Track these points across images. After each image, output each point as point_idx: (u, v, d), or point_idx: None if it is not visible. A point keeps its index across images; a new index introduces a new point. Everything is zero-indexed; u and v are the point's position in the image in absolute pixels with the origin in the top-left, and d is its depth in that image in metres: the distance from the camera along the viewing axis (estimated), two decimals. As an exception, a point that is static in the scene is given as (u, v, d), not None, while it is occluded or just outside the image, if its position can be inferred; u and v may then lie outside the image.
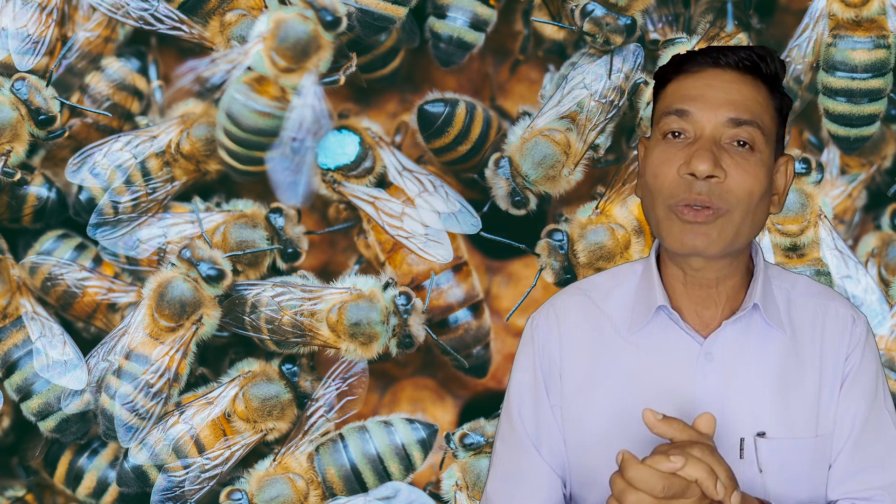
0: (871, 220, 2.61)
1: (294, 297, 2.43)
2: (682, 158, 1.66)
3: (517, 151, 2.46)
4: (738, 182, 1.65)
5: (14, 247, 2.55)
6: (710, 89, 1.69)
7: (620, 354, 1.75)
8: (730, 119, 1.67)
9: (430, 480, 2.50)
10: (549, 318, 1.81)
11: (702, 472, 1.54)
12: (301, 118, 2.33)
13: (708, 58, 1.71)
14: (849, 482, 1.72)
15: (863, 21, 2.42)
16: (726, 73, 1.69)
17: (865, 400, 1.73)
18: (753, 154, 1.67)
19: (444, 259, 2.47)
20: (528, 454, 1.77)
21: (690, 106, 1.68)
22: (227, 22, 2.43)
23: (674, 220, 1.67)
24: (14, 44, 2.45)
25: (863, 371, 1.74)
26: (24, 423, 2.49)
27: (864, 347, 1.75)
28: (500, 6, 2.52)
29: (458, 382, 2.63)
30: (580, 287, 1.84)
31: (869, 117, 2.44)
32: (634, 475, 1.53)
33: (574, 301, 1.81)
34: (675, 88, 1.71)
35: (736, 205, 1.65)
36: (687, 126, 1.68)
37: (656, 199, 1.69)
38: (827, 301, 1.77)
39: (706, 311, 1.73)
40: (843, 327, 1.75)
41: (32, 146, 2.47)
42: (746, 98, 1.68)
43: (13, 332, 2.46)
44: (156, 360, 2.39)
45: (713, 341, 1.71)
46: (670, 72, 1.74)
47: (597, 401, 1.74)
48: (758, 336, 1.73)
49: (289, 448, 2.43)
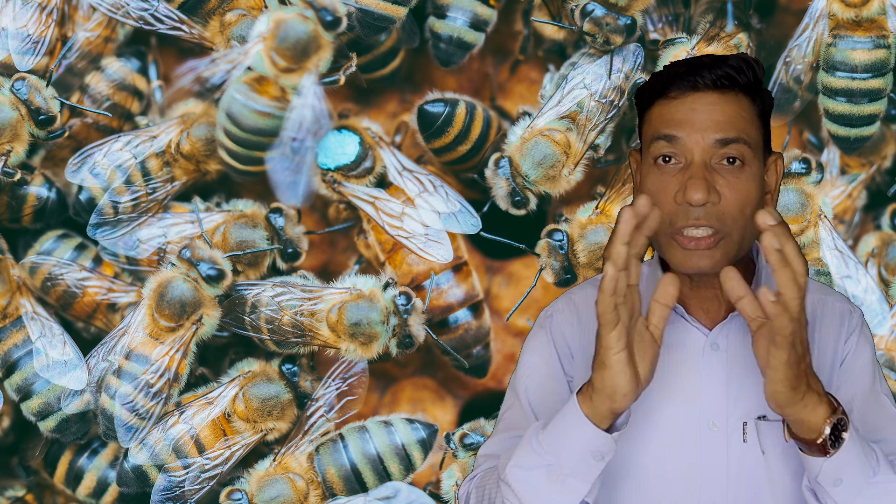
0: (871, 220, 2.61)
1: (294, 297, 2.43)
2: (677, 185, 1.70)
3: (517, 151, 2.46)
4: (732, 203, 1.69)
5: (14, 247, 2.55)
6: (694, 113, 1.71)
7: None
8: (717, 140, 1.70)
9: (430, 480, 2.50)
10: (569, 307, 1.85)
11: (738, 286, 1.59)
12: (301, 118, 2.33)
13: (685, 81, 1.73)
14: None
15: (863, 21, 2.42)
16: (706, 95, 1.72)
17: (862, 382, 1.78)
18: (744, 169, 1.70)
19: (444, 259, 2.47)
20: (529, 422, 1.79)
21: (677, 131, 1.71)
22: (227, 22, 2.43)
23: (675, 246, 1.71)
24: (14, 44, 2.45)
25: (859, 354, 1.79)
26: (24, 423, 2.49)
27: (860, 334, 1.80)
28: (500, 6, 2.52)
29: (458, 382, 2.63)
30: (594, 283, 1.87)
31: (869, 117, 2.44)
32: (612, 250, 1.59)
33: (591, 294, 1.82)
34: (660, 113, 1.75)
35: (733, 224, 1.70)
36: (677, 150, 1.71)
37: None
38: (824, 297, 1.83)
39: (711, 307, 1.77)
40: (841, 318, 1.81)
41: (32, 146, 2.47)
42: (730, 116, 1.71)
43: (13, 332, 2.46)
44: (156, 360, 2.39)
45: (718, 333, 1.76)
46: (653, 94, 1.77)
47: None
48: None
49: (289, 448, 2.43)
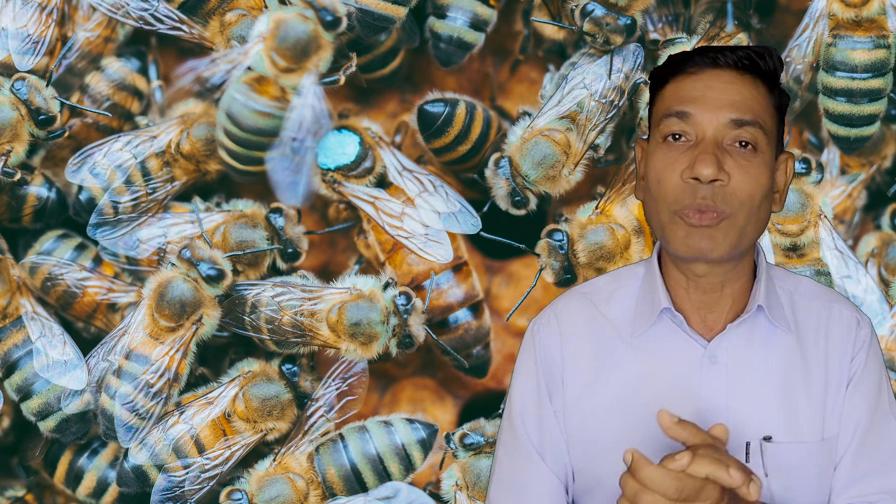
0: (871, 220, 2.61)
1: (294, 297, 2.43)
2: (686, 162, 1.64)
3: (517, 151, 2.46)
4: (741, 185, 1.63)
5: (14, 247, 2.55)
6: (711, 90, 1.66)
7: (623, 359, 1.73)
8: (731, 120, 1.65)
9: (430, 480, 2.50)
10: (551, 322, 1.79)
11: (709, 466, 1.51)
12: (301, 118, 2.33)
13: (706, 58, 1.68)
14: (853, 487, 1.70)
15: (863, 21, 2.42)
16: (725, 74, 1.67)
17: (869, 403, 1.71)
18: (756, 155, 1.65)
19: (444, 259, 2.47)
20: (531, 461, 1.75)
21: (691, 108, 1.66)
22: (227, 22, 2.43)
23: (679, 223, 1.65)
24: (14, 44, 2.45)
25: (867, 374, 1.72)
26: (24, 423, 2.49)
27: (869, 350, 1.73)
28: (500, 6, 2.52)
29: (458, 382, 2.63)
30: (582, 290, 1.82)
31: (869, 117, 2.44)
32: (647, 475, 1.51)
33: (575, 305, 1.79)
34: (674, 90, 1.69)
35: (739, 208, 1.64)
36: (688, 128, 1.66)
37: (660, 204, 1.67)
38: (830, 303, 1.76)
39: (710, 315, 1.72)
40: (848, 330, 1.73)
41: (32, 146, 2.47)
42: (747, 98, 1.66)
43: (13, 332, 2.46)
44: (156, 360, 2.39)
45: (717, 345, 1.70)
46: (667, 72, 1.72)
47: (601, 406, 1.73)
48: (762, 338, 1.71)
49: (289, 448, 2.43)
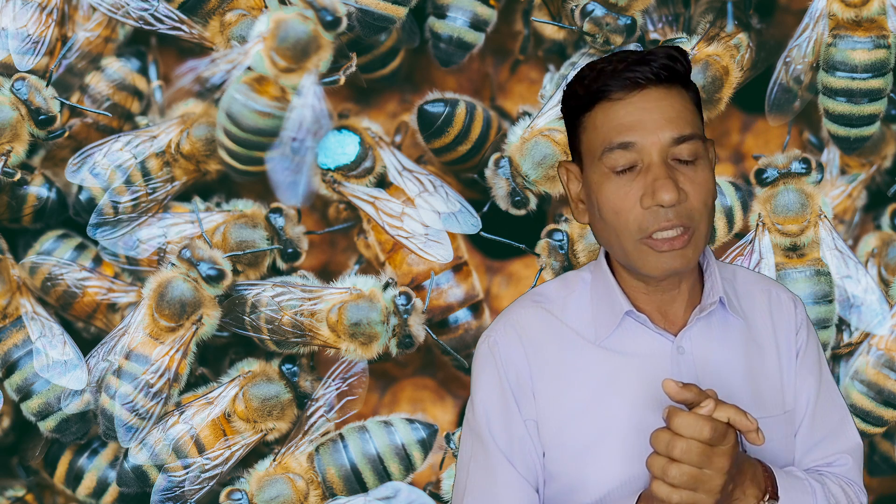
0: (871, 220, 2.61)
1: (294, 297, 2.43)
2: (640, 189, 1.66)
3: (517, 151, 2.46)
4: (698, 197, 1.66)
5: (14, 247, 2.55)
6: (645, 112, 1.66)
7: (593, 359, 1.75)
8: (673, 138, 1.66)
9: (430, 480, 2.50)
10: (509, 333, 1.78)
11: (730, 410, 1.58)
12: (301, 118, 2.33)
13: (624, 80, 1.67)
14: (812, 452, 1.80)
15: (863, 21, 2.42)
16: (651, 91, 1.67)
17: (815, 374, 1.81)
18: (698, 163, 1.67)
19: (444, 259, 2.47)
20: (503, 471, 1.75)
21: (632, 136, 1.66)
22: (227, 22, 2.43)
23: (647, 251, 1.67)
24: (14, 44, 2.45)
25: (810, 348, 1.81)
26: (24, 423, 2.49)
27: (808, 325, 1.83)
28: (500, 6, 2.52)
29: (458, 382, 2.63)
30: (533, 299, 1.81)
31: (869, 117, 2.44)
32: (681, 423, 1.55)
33: (532, 314, 1.79)
34: (605, 119, 1.68)
35: (700, 219, 1.68)
36: (634, 156, 1.66)
37: (622, 234, 1.68)
38: (768, 287, 1.84)
39: (670, 310, 1.75)
40: (788, 309, 1.82)
41: (32, 146, 2.47)
42: (680, 111, 1.67)
43: (13, 332, 2.46)
44: (156, 360, 2.39)
45: (683, 336, 1.74)
46: (587, 100, 1.70)
47: (577, 408, 1.74)
48: (719, 326, 1.76)
49: (289, 448, 2.43)
